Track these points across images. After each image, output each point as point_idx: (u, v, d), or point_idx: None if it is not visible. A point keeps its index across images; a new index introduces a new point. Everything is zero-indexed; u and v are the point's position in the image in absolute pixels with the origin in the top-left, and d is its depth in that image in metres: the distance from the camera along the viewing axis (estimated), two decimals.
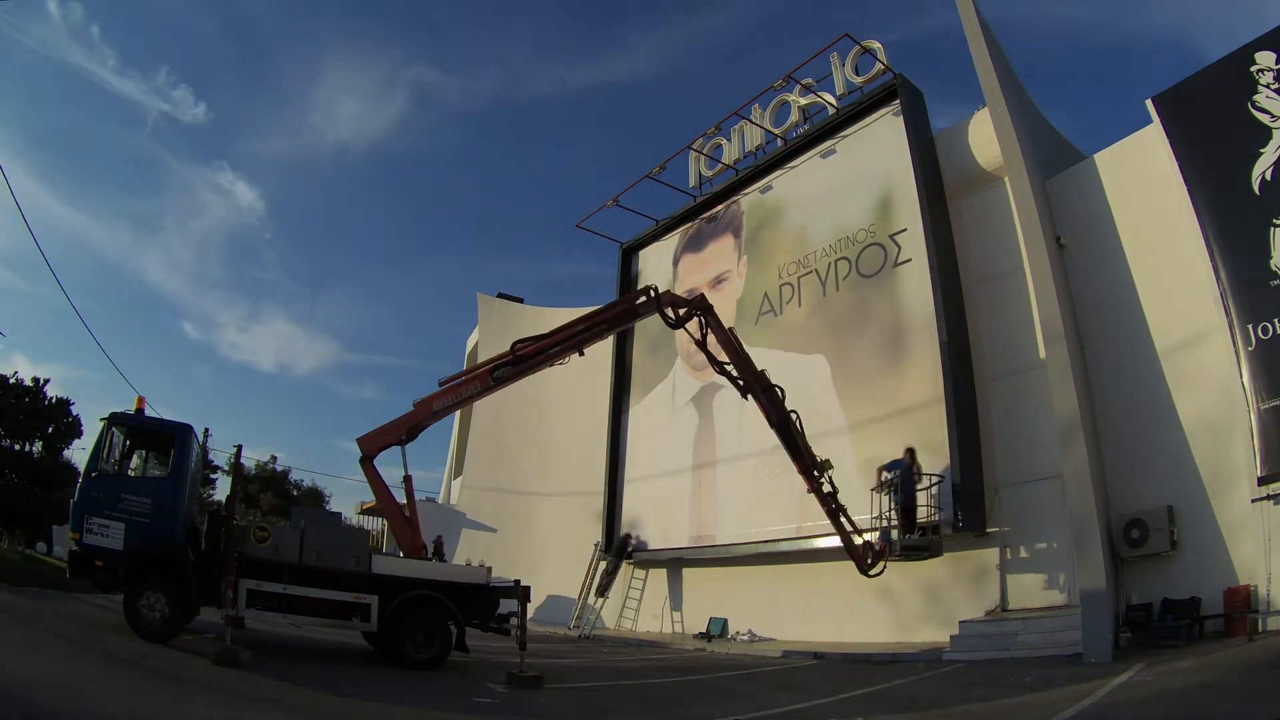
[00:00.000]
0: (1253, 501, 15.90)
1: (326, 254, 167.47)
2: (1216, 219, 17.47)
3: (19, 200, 25.85)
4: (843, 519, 20.85)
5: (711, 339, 20.29)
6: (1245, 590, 15.69)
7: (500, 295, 45.16)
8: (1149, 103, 19.39)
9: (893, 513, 21.07)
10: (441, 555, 18.29)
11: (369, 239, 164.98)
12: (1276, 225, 16.31)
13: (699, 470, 30.75)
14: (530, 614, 16.69)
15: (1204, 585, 16.55)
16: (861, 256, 26.06)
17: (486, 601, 17.15)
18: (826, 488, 20.86)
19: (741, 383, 20.82)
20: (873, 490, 21.88)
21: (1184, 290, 18.56)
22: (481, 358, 41.97)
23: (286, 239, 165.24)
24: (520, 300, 45.57)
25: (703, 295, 20.66)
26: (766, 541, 26.42)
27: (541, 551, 36.64)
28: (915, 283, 23.66)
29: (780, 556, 26.33)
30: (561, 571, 33.91)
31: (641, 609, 31.99)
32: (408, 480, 18.82)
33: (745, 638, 25.57)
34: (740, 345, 20.98)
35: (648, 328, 34.31)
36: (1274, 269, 16.21)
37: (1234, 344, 16.66)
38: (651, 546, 32.02)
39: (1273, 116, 16.87)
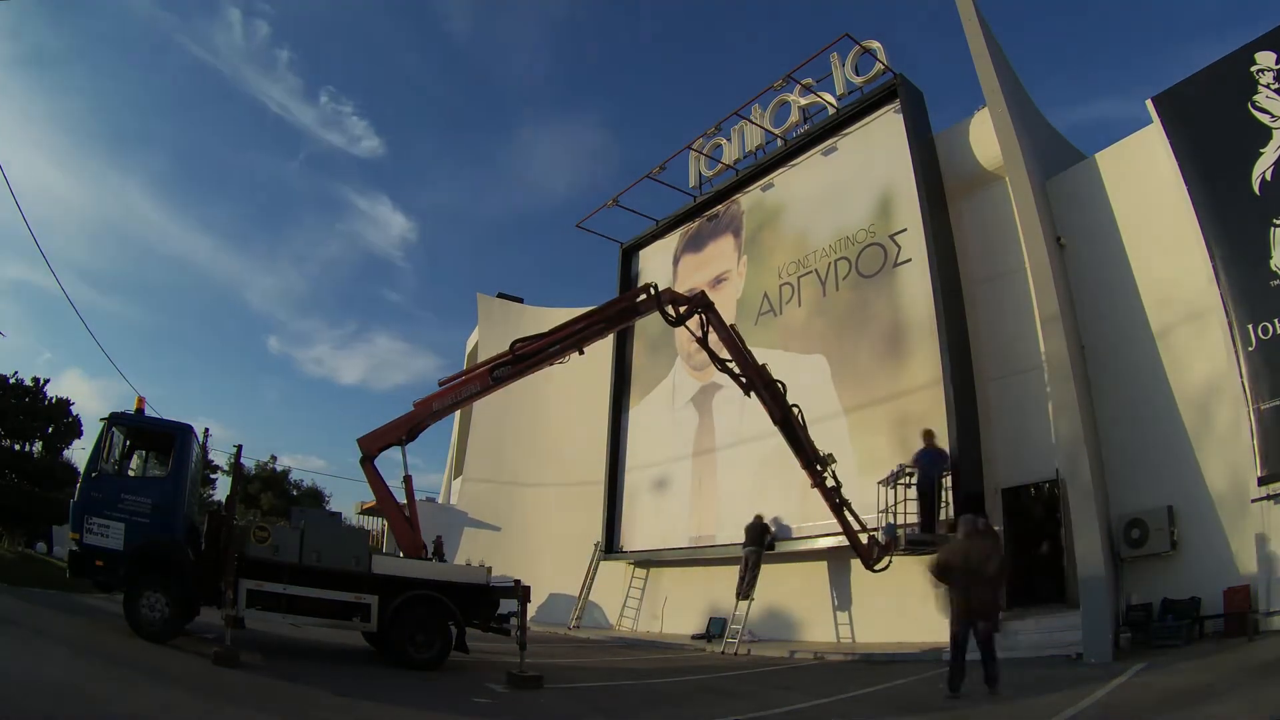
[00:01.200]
0: (1253, 501, 15.90)
1: (455, 288, 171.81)
2: (1216, 219, 17.47)
3: (19, 195, 25.91)
4: (847, 514, 20.92)
5: (713, 336, 20.31)
6: (1245, 590, 15.69)
7: (500, 295, 45.17)
8: (1149, 103, 19.40)
9: (900, 505, 21.32)
10: (442, 555, 18.31)
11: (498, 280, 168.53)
12: (1276, 225, 16.31)
13: (699, 470, 30.75)
14: (531, 614, 16.72)
15: (1204, 585, 16.55)
16: (861, 256, 26.05)
17: (487, 601, 17.16)
18: (830, 482, 20.92)
19: (744, 380, 20.78)
20: (880, 484, 21.93)
21: (1184, 290, 18.56)
22: (481, 358, 41.94)
23: (420, 270, 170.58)
24: (520, 300, 45.57)
25: (703, 292, 20.68)
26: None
27: (542, 551, 36.66)
28: (915, 283, 23.65)
29: (780, 556, 26.32)
30: (562, 571, 33.93)
31: (641, 609, 31.98)
32: (408, 480, 18.83)
33: (746, 638, 25.55)
34: (742, 342, 21.00)
35: (647, 328, 34.33)
36: (1274, 269, 16.21)
37: (1234, 344, 16.65)
38: (652, 546, 32.01)
39: (1273, 116, 16.87)
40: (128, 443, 16.15)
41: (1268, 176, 16.66)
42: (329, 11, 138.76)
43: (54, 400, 42.16)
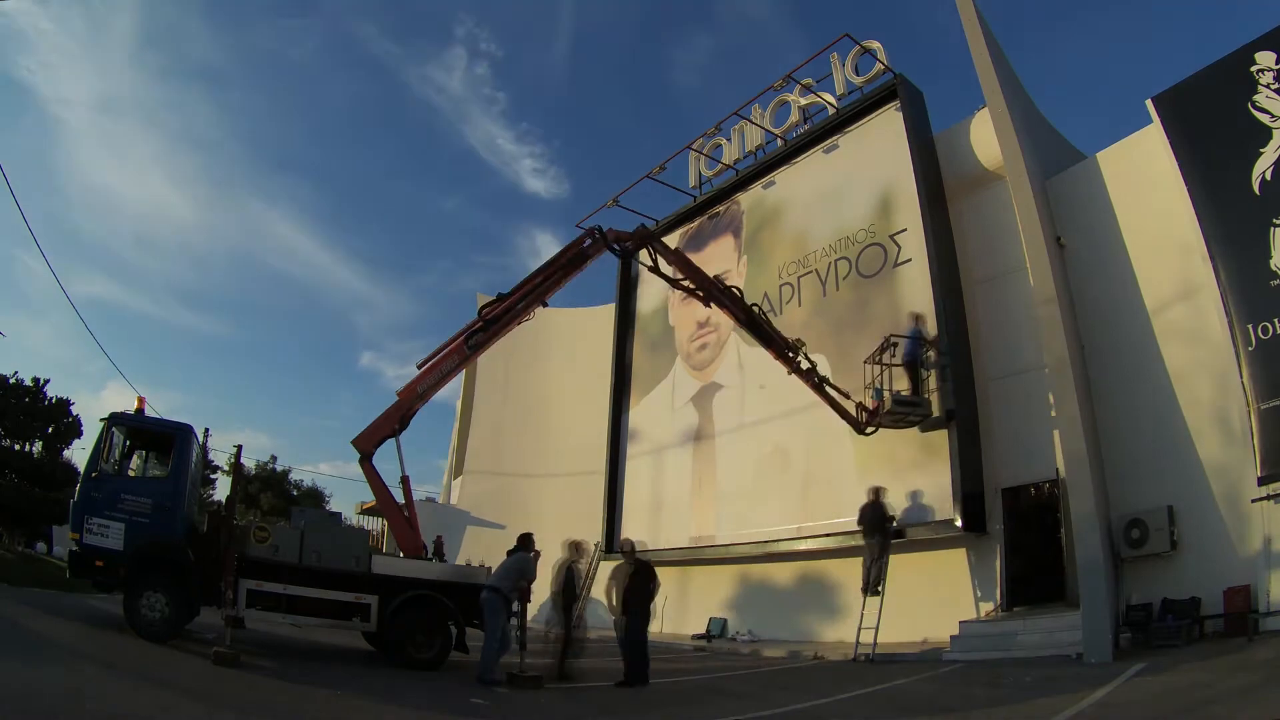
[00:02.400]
0: (1253, 501, 15.89)
1: None
2: (1216, 219, 17.45)
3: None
4: (829, 389, 22.17)
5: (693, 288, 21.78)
6: (1245, 590, 15.67)
7: (499, 296, 45.16)
8: (1149, 102, 19.39)
9: (886, 380, 22.28)
10: (442, 555, 18.25)
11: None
12: (1277, 225, 16.29)
13: (699, 470, 30.75)
14: (531, 613, 16.73)
15: (1204, 585, 16.53)
16: (862, 256, 26.05)
17: None
18: (805, 364, 22.16)
19: (701, 293, 21.71)
20: (865, 362, 22.60)
21: (1184, 290, 18.57)
22: (483, 357, 42.15)
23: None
24: (532, 316, 45.59)
25: (642, 225, 21.14)
26: (766, 541, 26.43)
27: (544, 549, 36.64)
28: (915, 283, 23.66)
29: (780, 556, 26.37)
30: None
31: None
32: (405, 480, 18.84)
33: (745, 638, 25.56)
34: (689, 260, 21.94)
35: (647, 328, 34.52)
36: (1274, 269, 16.19)
37: (1234, 344, 16.62)
38: (652, 546, 31.99)
39: (1273, 116, 16.85)
40: (128, 443, 16.17)
41: (1268, 176, 16.64)
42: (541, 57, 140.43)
43: (54, 400, 42.20)
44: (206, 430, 17.21)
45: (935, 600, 21.55)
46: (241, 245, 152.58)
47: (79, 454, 42.27)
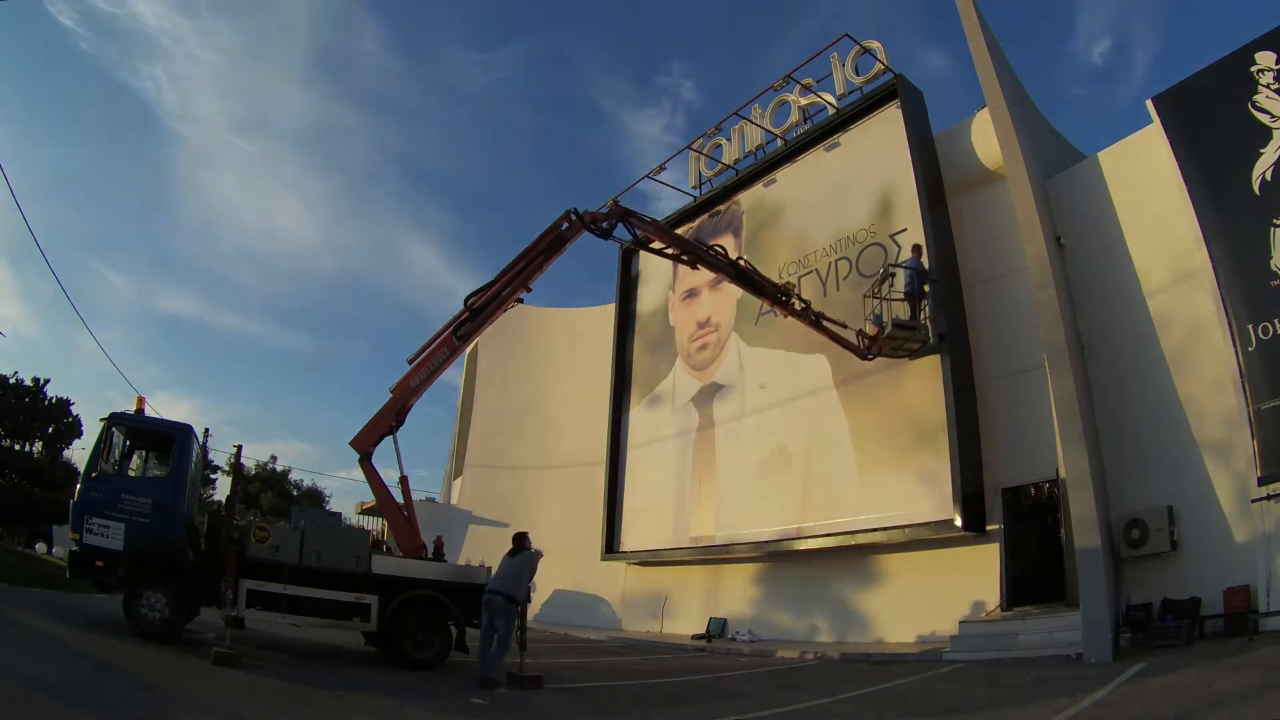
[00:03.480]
0: (1253, 502, 15.89)
1: None
2: (1216, 219, 17.46)
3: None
4: (825, 323, 22.93)
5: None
6: (1245, 590, 15.68)
7: (484, 285, 45.12)
8: (1149, 103, 19.39)
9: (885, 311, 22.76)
10: (442, 555, 18.27)
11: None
12: (1277, 225, 16.29)
13: (699, 470, 30.74)
14: (533, 614, 16.73)
15: (1204, 585, 16.53)
16: (862, 256, 26.07)
17: None
18: (798, 305, 22.81)
19: (685, 258, 22.56)
20: (865, 295, 23.31)
21: (1184, 290, 18.57)
22: (482, 358, 42.27)
23: None
24: (519, 301, 45.52)
25: (616, 201, 21.64)
26: (767, 541, 26.44)
27: (544, 549, 36.60)
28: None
29: (780, 556, 26.41)
30: (564, 570, 33.94)
31: (642, 610, 31.99)
32: (404, 480, 18.85)
33: (745, 638, 25.57)
34: (667, 229, 23.01)
35: (647, 328, 34.53)
36: (1274, 269, 16.19)
37: (1234, 344, 16.63)
38: (652, 547, 32.02)
39: (1273, 116, 16.85)
40: (128, 443, 16.17)
41: (1268, 176, 16.64)
42: None
43: (54, 400, 42.20)
44: (206, 430, 17.30)
45: (935, 600, 21.56)
46: (356, 266, 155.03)
47: (79, 454, 42.31)
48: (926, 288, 22.68)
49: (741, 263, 22.58)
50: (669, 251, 22.38)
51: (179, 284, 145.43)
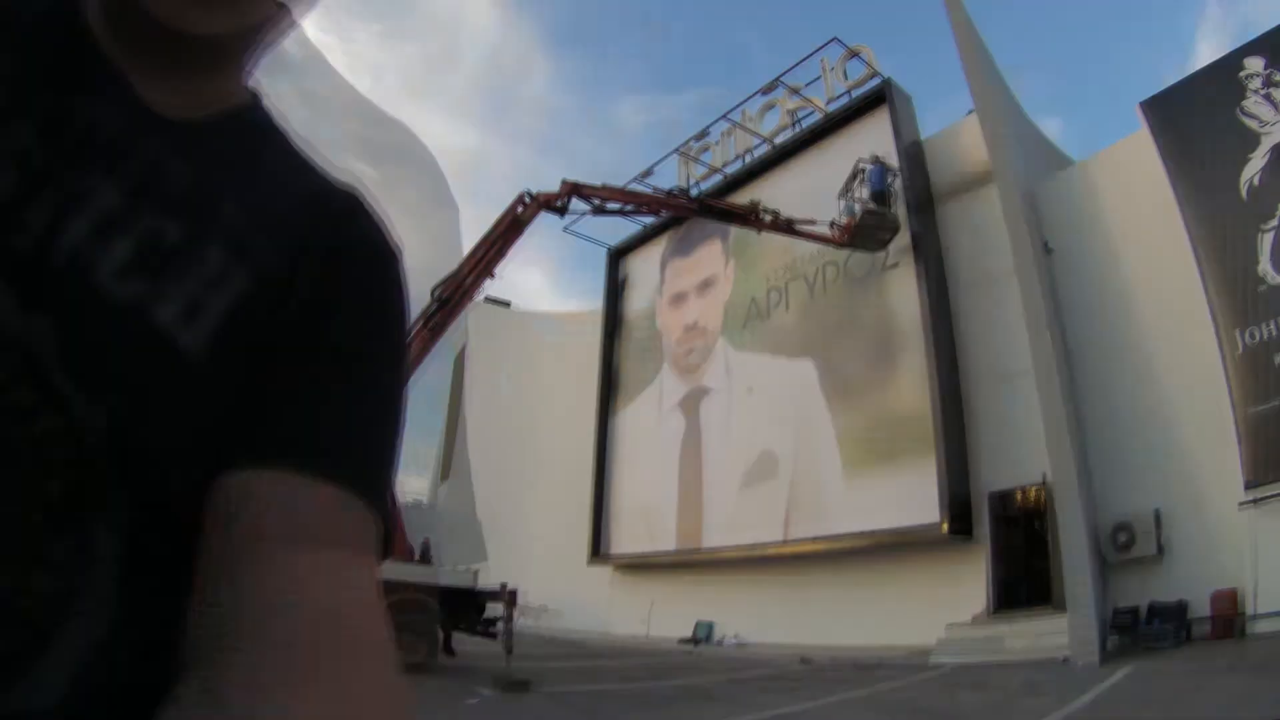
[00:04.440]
0: (1240, 506, 15.92)
1: None
2: (1204, 224, 17.52)
3: None
4: (798, 226, 23.92)
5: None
6: (1232, 594, 15.71)
7: (487, 299, 45.04)
8: (1138, 108, 19.45)
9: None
10: (429, 559, 18.24)
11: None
12: (1264, 230, 16.37)
13: (686, 474, 30.69)
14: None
15: (1191, 589, 16.57)
16: (850, 261, 26.04)
17: (473, 605, 17.16)
18: (768, 218, 23.68)
19: (646, 209, 23.92)
20: (838, 196, 24.08)
21: (1171, 295, 18.59)
22: (471, 361, 42.10)
23: None
24: (507, 304, 45.49)
25: (565, 179, 21.56)
26: (754, 545, 26.41)
27: (531, 553, 36.63)
28: (904, 287, 23.72)
29: (767, 560, 26.37)
30: (551, 574, 33.90)
31: (628, 613, 31.95)
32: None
33: (732, 642, 25.53)
34: (620, 190, 23.14)
35: (634, 333, 34.45)
36: (1261, 274, 16.26)
37: (1221, 349, 16.69)
38: (639, 551, 31.99)
39: (1261, 122, 16.92)
40: None
41: (1256, 182, 16.71)
42: None
43: None
44: None
45: (923, 604, 21.54)
46: None
47: None
48: (894, 182, 23.85)
49: (702, 198, 24.11)
50: (629, 209, 23.17)
51: None
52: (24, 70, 0.75)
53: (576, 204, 21.36)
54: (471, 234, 20.43)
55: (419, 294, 19.42)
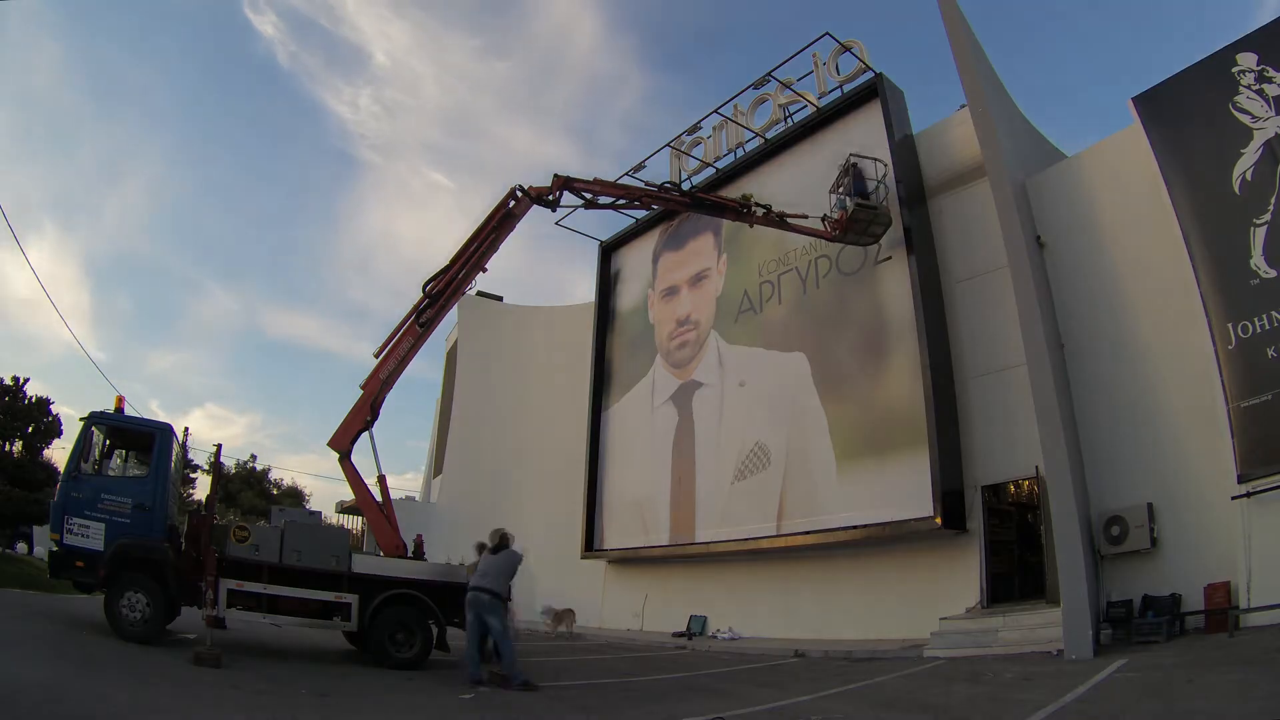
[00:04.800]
0: (1233, 499, 15.97)
1: None
2: (1197, 218, 17.57)
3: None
4: (791, 220, 24.28)
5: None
6: (1225, 587, 15.78)
7: (479, 294, 44.99)
8: (1130, 102, 19.49)
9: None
10: (422, 554, 18.29)
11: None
12: (1256, 225, 16.41)
13: (679, 468, 30.76)
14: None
15: (1184, 582, 16.67)
16: (842, 254, 26.12)
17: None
18: (760, 211, 24.07)
19: (638, 203, 23.79)
20: (830, 192, 24.29)
21: (1164, 289, 18.66)
22: (462, 356, 42.18)
23: None
24: (500, 299, 45.48)
25: (557, 174, 21.73)
26: (747, 539, 26.48)
27: (524, 547, 36.64)
28: (896, 281, 23.79)
29: (760, 554, 26.44)
30: (545, 568, 33.95)
31: (622, 607, 31.99)
32: (382, 479, 18.84)
33: (726, 635, 25.58)
34: (612, 183, 23.21)
35: (626, 327, 34.45)
36: (1254, 268, 16.31)
37: (1213, 342, 16.74)
38: (632, 545, 32.04)
39: (1253, 117, 16.96)
40: (107, 442, 16.03)
41: (1248, 176, 16.76)
42: None
43: (34, 400, 41.98)
44: (186, 430, 17.11)
45: (916, 597, 21.62)
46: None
47: (59, 453, 42.10)
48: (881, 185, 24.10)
49: (693, 191, 24.63)
50: (621, 202, 23.16)
51: (300, 308, 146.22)
52: None
53: (569, 198, 21.47)
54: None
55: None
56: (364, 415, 18.56)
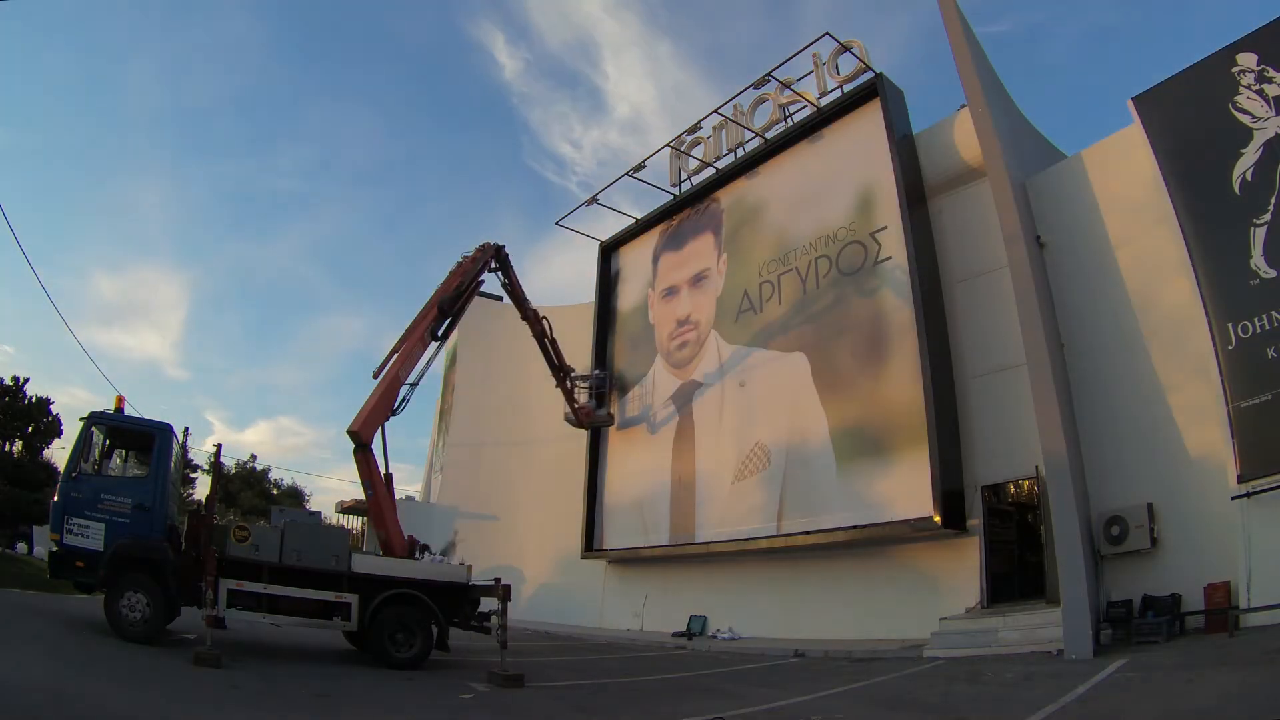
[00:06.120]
0: (1232, 499, 15.95)
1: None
2: (1197, 218, 17.56)
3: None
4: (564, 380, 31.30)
5: None
6: (1225, 587, 15.77)
7: (479, 294, 44.85)
8: (1130, 102, 19.47)
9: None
10: (416, 554, 18.39)
11: None
12: (1256, 225, 16.40)
13: (678, 468, 30.74)
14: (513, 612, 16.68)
15: (1184, 582, 16.65)
16: (842, 254, 26.11)
17: (467, 600, 17.19)
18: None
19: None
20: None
21: (1164, 289, 18.65)
22: (461, 356, 42.20)
23: None
24: (499, 299, 45.38)
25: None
26: (747, 539, 26.47)
27: (525, 544, 36.64)
28: (896, 281, 23.74)
29: (760, 554, 26.41)
30: (545, 567, 33.94)
31: (622, 607, 31.98)
32: (389, 478, 18.86)
33: (726, 635, 25.56)
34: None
35: (627, 326, 34.41)
36: (1253, 268, 16.30)
37: (1213, 342, 16.73)
38: (631, 545, 32.02)
39: (1253, 117, 16.95)
40: (107, 442, 16.03)
41: (1248, 177, 16.75)
42: None
43: (34, 399, 41.97)
44: (186, 429, 17.11)
45: (915, 597, 21.62)
46: None
47: (59, 453, 42.09)
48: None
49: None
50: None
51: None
52: None
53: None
54: None
55: None
56: (389, 404, 18.72)
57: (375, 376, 19.81)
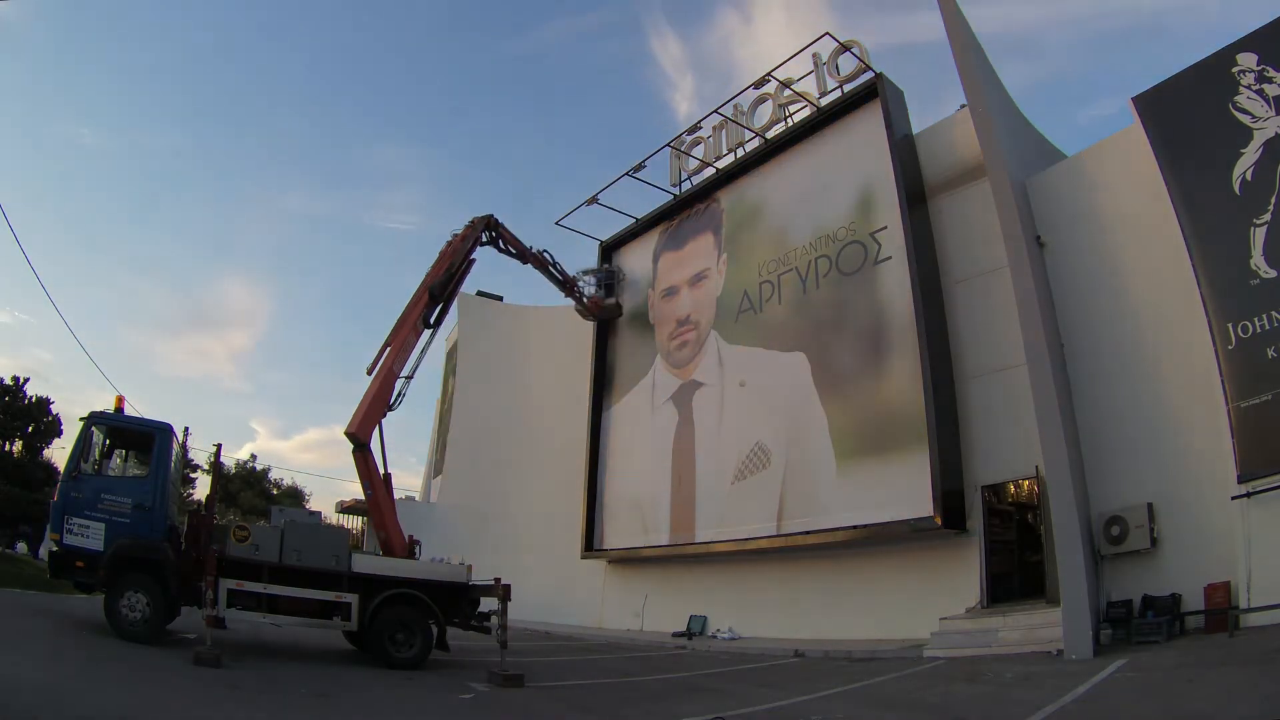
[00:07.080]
0: (1233, 499, 15.94)
1: None
2: (1197, 218, 17.54)
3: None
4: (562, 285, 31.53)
5: None
6: (1225, 587, 15.75)
7: (479, 293, 44.92)
8: (1130, 102, 19.46)
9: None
10: (413, 554, 18.42)
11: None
12: (1256, 225, 16.39)
13: (679, 468, 30.73)
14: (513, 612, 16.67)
15: (1184, 582, 16.63)
16: (842, 254, 26.11)
17: (467, 600, 17.18)
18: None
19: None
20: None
21: (1164, 289, 18.63)
22: (462, 355, 42.25)
23: None
24: (500, 298, 45.47)
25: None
26: (747, 539, 26.46)
27: (525, 546, 36.62)
28: (896, 280, 23.73)
29: (760, 554, 26.41)
30: (545, 567, 33.95)
31: (622, 607, 31.97)
32: (387, 478, 18.86)
33: (726, 635, 25.56)
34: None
35: (625, 327, 34.38)
36: (1254, 268, 16.29)
37: (1213, 342, 16.71)
38: (632, 545, 32.01)
39: (1253, 117, 16.95)
40: (107, 442, 16.03)
41: (1248, 176, 16.74)
42: None
43: (34, 399, 41.97)
44: (186, 429, 17.09)
45: (915, 597, 21.61)
46: None
47: (59, 453, 42.10)
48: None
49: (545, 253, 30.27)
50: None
51: None
52: None
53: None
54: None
55: None
56: (385, 401, 18.70)
57: (369, 373, 19.82)
